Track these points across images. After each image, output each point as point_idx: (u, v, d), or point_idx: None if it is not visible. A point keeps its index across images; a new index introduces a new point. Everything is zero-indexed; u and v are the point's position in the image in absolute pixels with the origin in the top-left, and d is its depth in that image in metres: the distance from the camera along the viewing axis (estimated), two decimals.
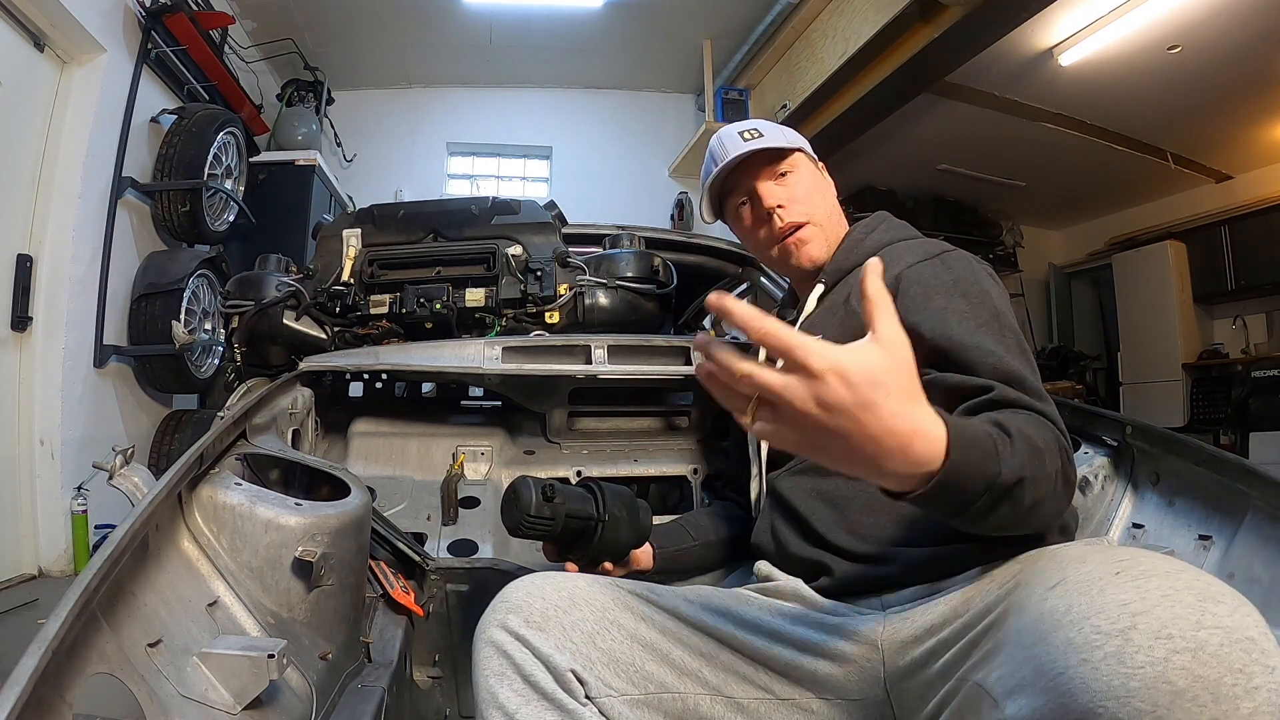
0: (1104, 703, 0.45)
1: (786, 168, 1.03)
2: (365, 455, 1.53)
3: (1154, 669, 0.44)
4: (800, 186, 1.03)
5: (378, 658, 1.04)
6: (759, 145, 1.01)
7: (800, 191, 1.03)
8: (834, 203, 1.07)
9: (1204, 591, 0.48)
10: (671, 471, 1.56)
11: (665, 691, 0.75)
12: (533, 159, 5.44)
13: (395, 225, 1.80)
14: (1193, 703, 0.43)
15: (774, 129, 1.04)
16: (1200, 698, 0.43)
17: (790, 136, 1.05)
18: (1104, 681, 0.45)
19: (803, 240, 1.02)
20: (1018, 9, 3.12)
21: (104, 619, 0.64)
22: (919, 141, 5.04)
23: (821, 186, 1.06)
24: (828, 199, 1.06)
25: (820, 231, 1.03)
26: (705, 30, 4.56)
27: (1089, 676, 0.46)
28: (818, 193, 1.05)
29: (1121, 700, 0.44)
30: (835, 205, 1.07)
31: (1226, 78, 4.11)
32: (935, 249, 0.94)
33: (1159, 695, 0.44)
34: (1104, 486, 1.27)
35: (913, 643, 0.70)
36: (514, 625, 0.72)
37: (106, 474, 0.95)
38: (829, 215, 1.05)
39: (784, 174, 1.03)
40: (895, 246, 0.97)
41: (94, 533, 2.53)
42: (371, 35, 4.53)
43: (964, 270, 0.90)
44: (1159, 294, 5.68)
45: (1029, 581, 0.56)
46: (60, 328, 2.64)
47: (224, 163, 3.23)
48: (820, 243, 1.03)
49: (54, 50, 2.67)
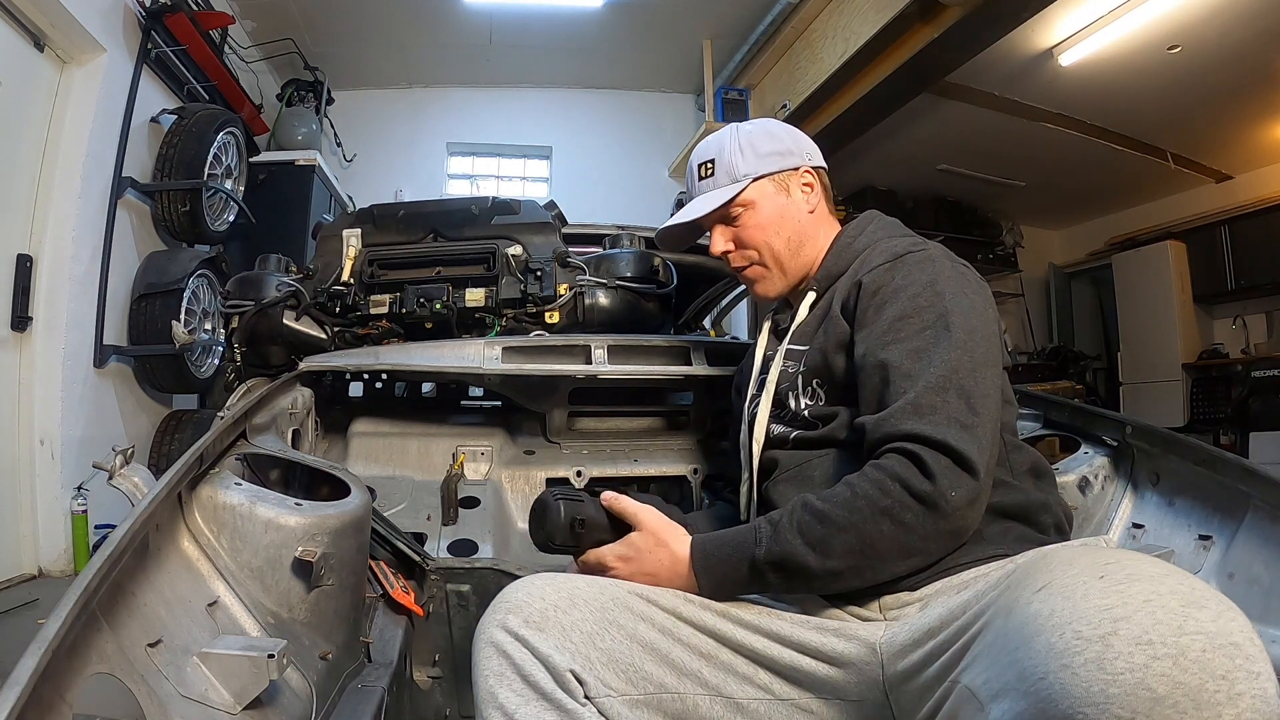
0: (1083, 709, 0.45)
1: (737, 209, 1.03)
2: (365, 455, 1.53)
3: (1133, 675, 0.44)
4: (749, 228, 1.03)
5: (378, 658, 1.04)
6: (697, 211, 1.04)
7: (748, 234, 1.03)
8: (798, 227, 1.03)
9: (1188, 596, 0.47)
10: (671, 471, 1.56)
11: (665, 692, 0.75)
12: (532, 159, 5.44)
13: (395, 225, 1.80)
14: (1173, 709, 0.43)
15: (729, 160, 1.03)
16: (1181, 704, 0.43)
17: (748, 162, 1.03)
18: (1083, 688, 0.45)
19: (751, 279, 1.06)
20: (1018, 9, 3.12)
21: (104, 619, 0.64)
22: (919, 141, 5.04)
23: (782, 216, 1.03)
24: (785, 230, 1.03)
25: (768, 271, 1.04)
26: (705, 30, 4.56)
27: (1069, 682, 0.46)
28: (772, 228, 1.02)
29: (1101, 707, 0.44)
30: (800, 228, 1.03)
31: (1226, 78, 4.11)
32: (899, 250, 0.93)
33: (1138, 702, 0.43)
34: (1104, 486, 1.27)
35: (911, 646, 0.70)
36: (513, 625, 0.72)
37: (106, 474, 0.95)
38: (786, 247, 1.03)
39: (735, 215, 1.03)
40: (872, 248, 0.98)
41: (94, 533, 2.53)
42: (371, 35, 4.53)
43: (916, 275, 0.89)
44: (1159, 294, 5.67)
45: (1017, 584, 0.56)
46: (60, 328, 2.64)
47: (224, 163, 3.23)
48: (770, 281, 1.05)
49: (54, 50, 2.67)
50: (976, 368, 0.81)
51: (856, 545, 0.75)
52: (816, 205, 1.05)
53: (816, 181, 1.06)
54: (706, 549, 0.82)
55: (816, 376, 0.95)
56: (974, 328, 0.84)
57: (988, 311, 0.89)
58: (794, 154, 1.05)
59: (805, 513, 0.78)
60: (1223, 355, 5.44)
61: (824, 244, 1.05)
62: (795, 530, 0.77)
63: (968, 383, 0.79)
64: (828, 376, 0.93)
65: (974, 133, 4.93)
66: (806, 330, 1.00)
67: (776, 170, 1.04)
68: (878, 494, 0.75)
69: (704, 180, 1.05)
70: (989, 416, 0.79)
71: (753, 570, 0.79)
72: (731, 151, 1.03)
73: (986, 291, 0.93)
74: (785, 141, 1.05)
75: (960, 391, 0.79)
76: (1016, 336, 6.66)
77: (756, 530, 0.80)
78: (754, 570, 0.79)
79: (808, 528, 0.77)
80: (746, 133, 1.05)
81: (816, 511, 0.77)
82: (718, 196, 1.03)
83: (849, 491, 0.77)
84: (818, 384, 0.95)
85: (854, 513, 0.76)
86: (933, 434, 0.76)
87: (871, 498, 0.75)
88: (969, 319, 0.85)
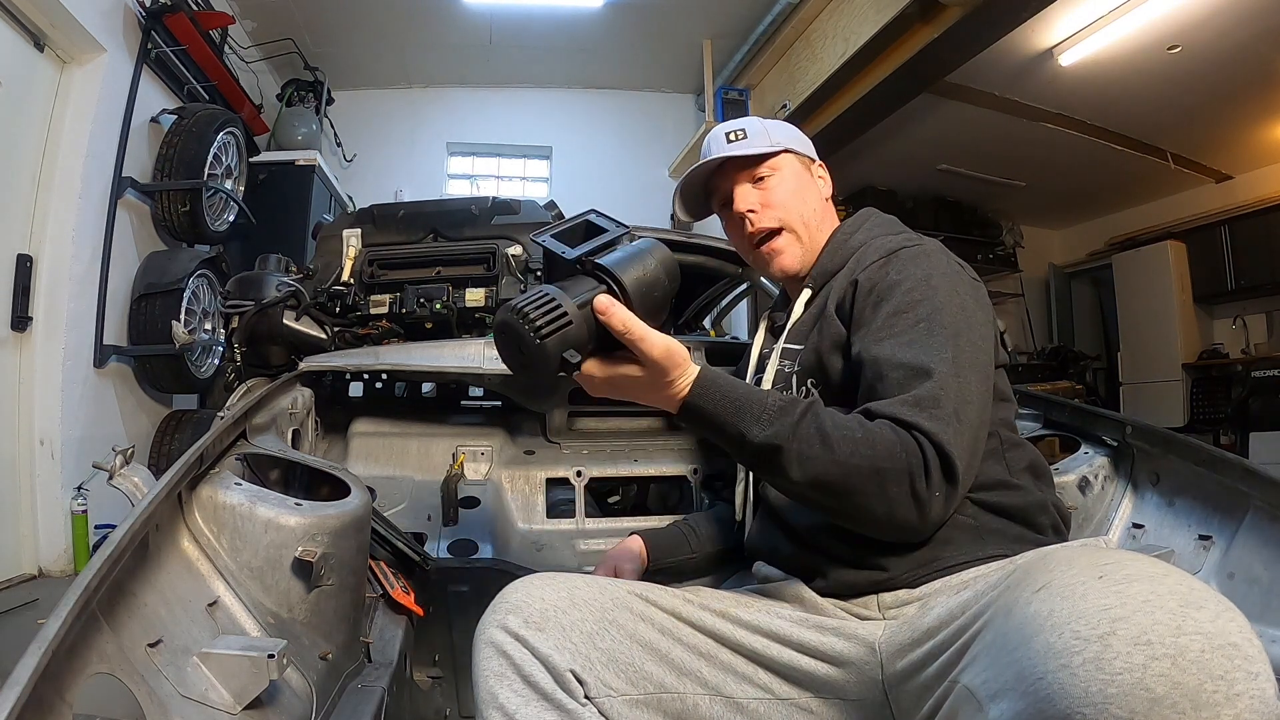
0: (1081, 709, 0.44)
1: (766, 171, 1.01)
2: (365, 455, 1.53)
3: (1132, 676, 0.44)
4: (779, 190, 1.01)
5: (378, 658, 1.04)
6: (733, 152, 1.00)
7: (777, 196, 1.01)
8: (818, 205, 1.04)
9: (1186, 597, 0.47)
10: (671, 471, 1.56)
11: (664, 691, 0.75)
12: (533, 159, 5.44)
13: (395, 225, 1.80)
14: (1171, 710, 0.43)
15: (761, 128, 1.04)
16: (1179, 705, 0.43)
17: (779, 135, 1.04)
18: (1082, 688, 0.45)
19: (775, 250, 1.02)
20: (1018, 9, 3.12)
21: (104, 619, 0.64)
22: (919, 141, 5.04)
23: (806, 189, 1.04)
24: (810, 202, 1.03)
25: (794, 240, 1.01)
26: (705, 30, 4.57)
27: (1067, 682, 0.45)
28: (798, 196, 1.02)
29: (1099, 707, 0.44)
30: (820, 208, 1.04)
31: (1226, 78, 4.11)
32: (893, 246, 0.93)
33: (1136, 703, 0.43)
34: (1104, 486, 1.27)
35: (910, 646, 0.70)
36: (513, 626, 0.72)
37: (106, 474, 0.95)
38: (809, 219, 1.02)
39: (762, 178, 1.02)
40: (867, 246, 0.98)
41: (94, 533, 2.53)
42: (371, 35, 4.53)
43: (910, 269, 0.89)
44: (1159, 294, 5.67)
45: (1017, 584, 0.56)
46: (60, 328, 2.64)
47: (224, 163, 3.23)
48: (794, 252, 1.02)
49: (54, 50, 2.67)
50: (961, 371, 0.80)
51: (838, 483, 0.75)
52: (829, 196, 1.08)
53: (828, 178, 1.09)
54: (709, 387, 0.79)
55: (811, 376, 0.95)
56: (960, 330, 0.83)
57: (978, 314, 0.88)
58: (812, 148, 1.09)
59: (814, 426, 0.76)
60: (1223, 355, 5.45)
61: (826, 236, 1.05)
62: (796, 435, 0.75)
63: (952, 384, 0.79)
64: (822, 376, 0.93)
65: (974, 133, 4.93)
66: (802, 329, 1.00)
67: (804, 152, 1.07)
68: (884, 455, 0.74)
69: (734, 143, 1.02)
70: (970, 423, 0.78)
71: (739, 439, 0.77)
72: (764, 124, 1.05)
73: (980, 291, 0.93)
74: (804, 137, 1.09)
75: (950, 394, 0.78)
76: (1016, 336, 6.66)
77: (764, 408, 0.77)
78: (739, 439, 0.77)
79: (808, 441, 0.75)
80: (764, 121, 1.07)
81: (824, 432, 0.75)
82: (755, 145, 1.01)
83: (861, 433, 0.75)
84: (812, 383, 0.95)
85: (855, 456, 0.74)
86: (935, 432, 0.75)
87: (878, 454, 0.74)
88: (958, 319, 0.84)
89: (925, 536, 0.79)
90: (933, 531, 0.79)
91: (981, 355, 0.84)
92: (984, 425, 0.82)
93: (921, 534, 0.79)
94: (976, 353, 0.84)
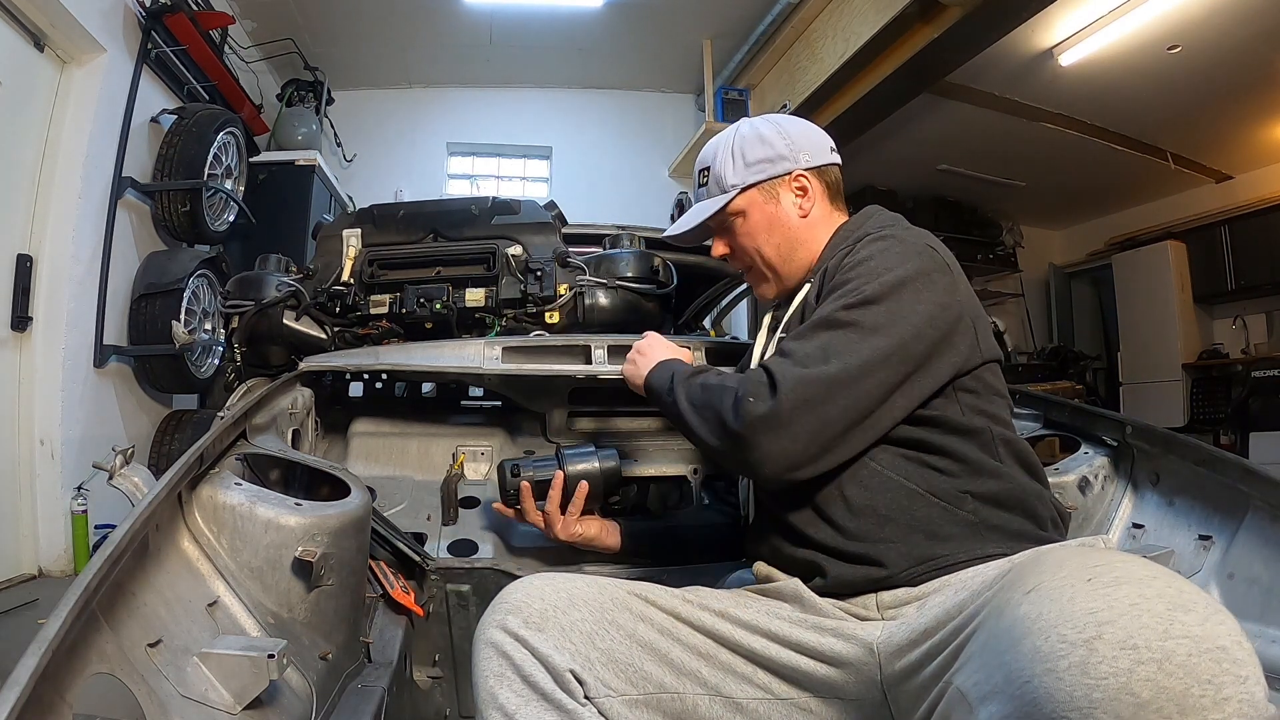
0: (1067, 713, 0.44)
1: (730, 217, 1.06)
2: (365, 455, 1.53)
3: (1117, 680, 0.44)
4: (742, 236, 1.06)
5: (378, 658, 1.04)
6: (681, 227, 1.10)
7: (742, 240, 1.07)
8: (789, 233, 1.04)
9: (1174, 600, 0.47)
10: (671, 471, 1.56)
11: (664, 691, 0.75)
12: (533, 159, 5.44)
13: (395, 225, 1.79)
14: (1157, 715, 0.43)
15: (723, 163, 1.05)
16: (1165, 710, 0.43)
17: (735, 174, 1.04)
18: (1067, 692, 0.45)
19: (753, 283, 1.11)
20: (1018, 9, 3.12)
21: (104, 619, 0.64)
22: (919, 141, 5.04)
23: (773, 223, 1.04)
24: (777, 234, 1.04)
25: (765, 273, 1.07)
26: (705, 30, 4.56)
27: (1053, 686, 0.45)
28: (764, 235, 1.04)
29: (1084, 711, 0.44)
30: (793, 233, 1.04)
31: (1226, 78, 4.11)
32: (860, 235, 0.97)
33: (1122, 707, 0.43)
34: (1104, 486, 1.27)
35: (908, 646, 0.70)
36: (513, 626, 0.72)
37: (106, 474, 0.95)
38: (781, 250, 1.04)
39: (729, 222, 1.06)
40: None
41: (94, 533, 2.53)
42: (371, 35, 4.53)
43: (860, 253, 0.92)
44: (1159, 294, 5.67)
45: (1010, 585, 0.56)
46: (60, 328, 2.64)
47: (224, 163, 3.23)
48: (767, 285, 1.09)
49: (54, 50, 2.67)
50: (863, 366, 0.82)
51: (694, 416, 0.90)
52: (811, 208, 1.04)
53: (812, 183, 1.04)
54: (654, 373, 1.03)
55: None
56: (879, 326, 0.83)
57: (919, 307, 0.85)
58: (785, 159, 1.03)
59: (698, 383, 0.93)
60: (1223, 355, 5.45)
61: (823, 242, 1.04)
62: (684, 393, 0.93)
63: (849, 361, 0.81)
64: None
65: (974, 133, 4.93)
66: (794, 322, 1.00)
67: (764, 179, 1.04)
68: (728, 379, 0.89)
69: (701, 188, 1.09)
70: (823, 381, 0.80)
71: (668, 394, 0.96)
72: (723, 161, 1.05)
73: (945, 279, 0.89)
74: (777, 146, 1.04)
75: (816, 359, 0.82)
76: (1016, 336, 6.65)
77: (673, 378, 0.97)
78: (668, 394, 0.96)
79: (692, 392, 0.92)
80: (742, 137, 1.06)
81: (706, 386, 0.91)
82: (707, 207, 1.07)
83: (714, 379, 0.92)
84: None
85: (707, 392, 0.90)
86: (774, 368, 0.82)
87: (723, 379, 0.90)
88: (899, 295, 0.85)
89: (760, 448, 0.81)
90: (769, 446, 0.81)
91: (900, 350, 0.83)
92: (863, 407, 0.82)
93: (746, 441, 0.82)
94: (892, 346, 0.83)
